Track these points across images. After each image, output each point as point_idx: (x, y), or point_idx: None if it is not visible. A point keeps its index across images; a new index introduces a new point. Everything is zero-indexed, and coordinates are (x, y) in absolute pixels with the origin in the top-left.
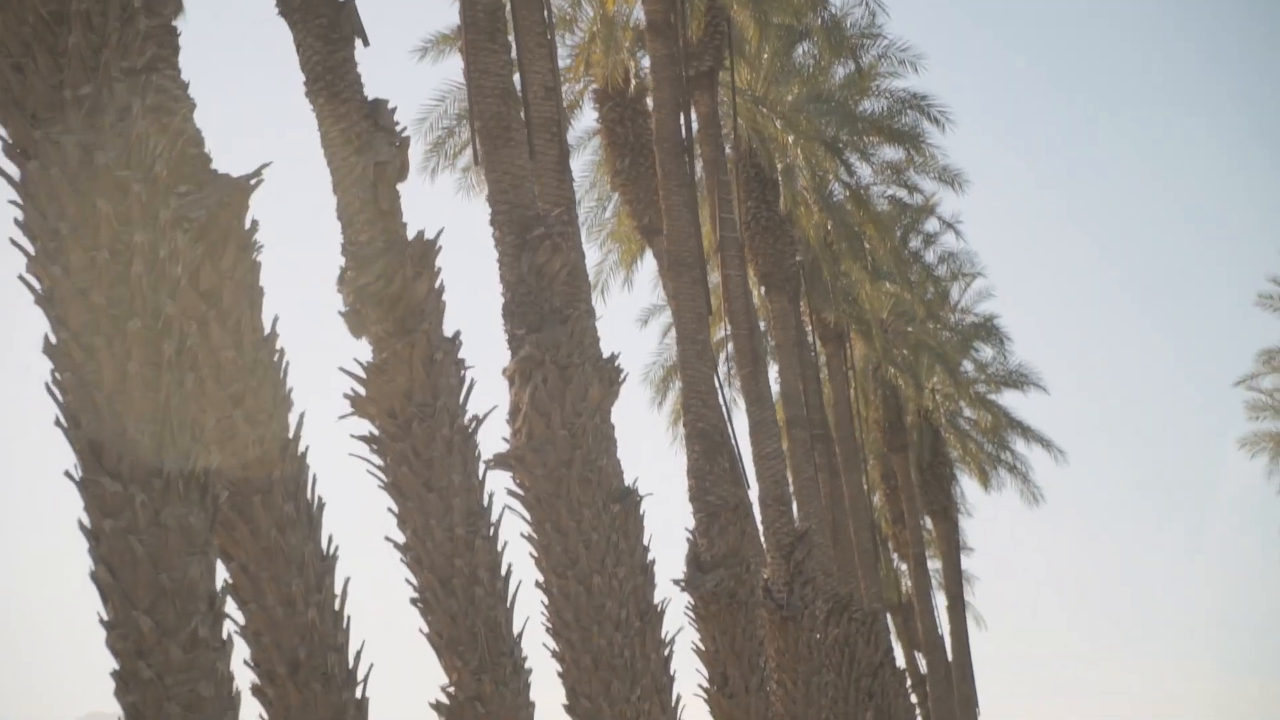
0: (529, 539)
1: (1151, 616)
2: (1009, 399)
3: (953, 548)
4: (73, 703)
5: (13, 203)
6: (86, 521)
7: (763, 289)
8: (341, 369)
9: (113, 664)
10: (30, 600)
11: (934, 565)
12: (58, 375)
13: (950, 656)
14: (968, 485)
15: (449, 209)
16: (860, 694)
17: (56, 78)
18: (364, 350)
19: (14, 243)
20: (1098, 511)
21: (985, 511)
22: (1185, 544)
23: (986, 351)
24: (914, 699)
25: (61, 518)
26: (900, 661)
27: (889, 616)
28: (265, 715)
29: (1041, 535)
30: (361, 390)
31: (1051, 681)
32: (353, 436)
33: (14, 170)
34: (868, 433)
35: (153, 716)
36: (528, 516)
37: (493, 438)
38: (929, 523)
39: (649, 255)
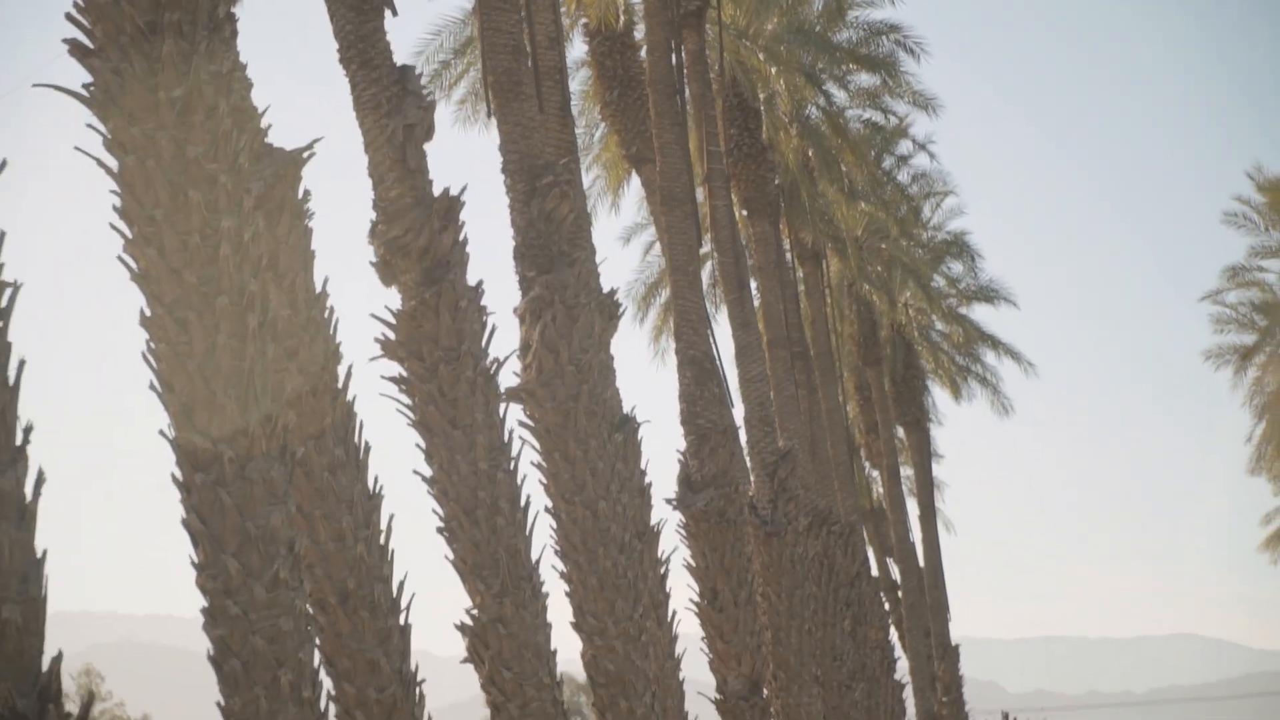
0: (539, 467)
1: (1115, 517)
2: (980, 313)
3: (925, 457)
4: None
5: (112, 192)
6: (179, 475)
7: (744, 213)
8: (373, 315)
9: (202, 601)
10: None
11: (906, 472)
12: (153, 345)
13: (922, 563)
14: (939, 396)
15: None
16: (839, 604)
17: (152, 81)
18: (393, 298)
19: (113, 226)
20: (1066, 421)
21: (956, 421)
22: (1149, 451)
23: (957, 267)
24: (886, 605)
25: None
26: (873, 569)
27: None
28: (318, 641)
29: (1012, 444)
30: (391, 335)
31: (1020, 578)
32: (383, 378)
33: (113, 162)
34: (843, 347)
35: (239, 649)
36: (537, 446)
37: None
38: (901, 432)
39: (634, 179)
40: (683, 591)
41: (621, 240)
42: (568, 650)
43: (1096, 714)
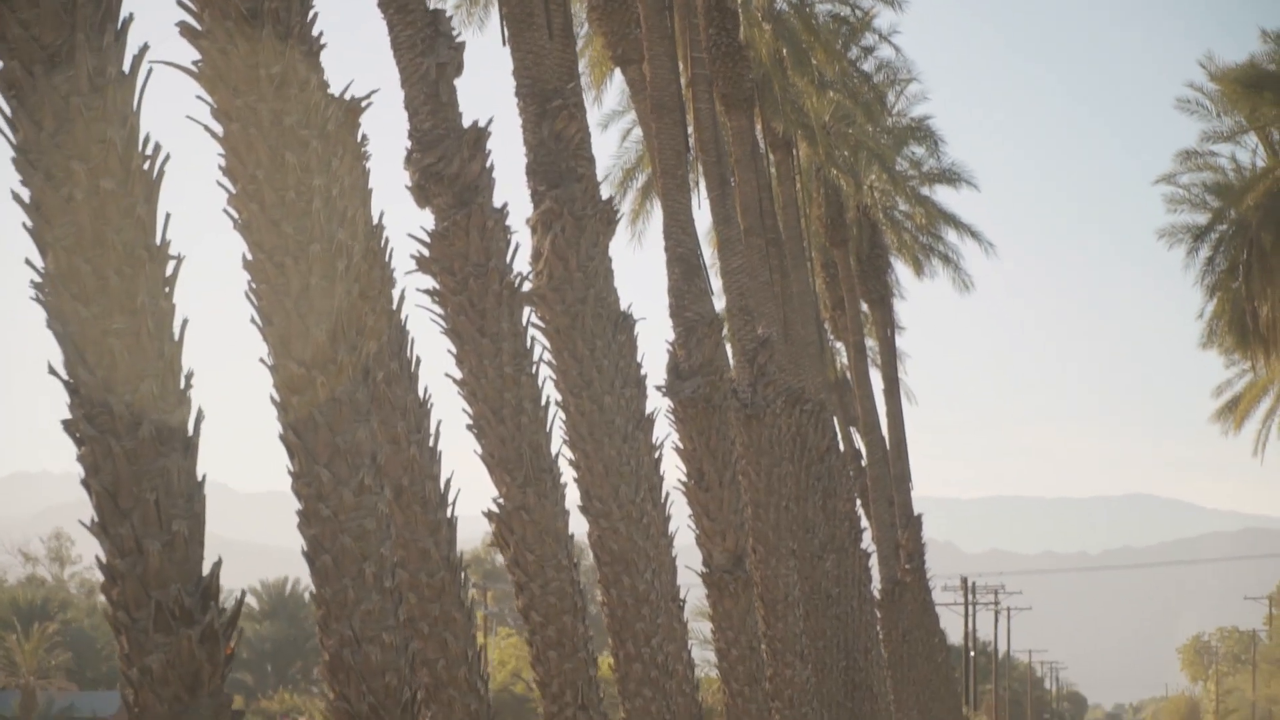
0: (549, 364)
1: (1073, 386)
2: (942, 195)
3: (889, 332)
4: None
5: (218, 154)
6: (276, 396)
7: (723, 108)
8: (410, 235)
9: (297, 504)
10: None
11: (869, 344)
12: (254, 285)
13: (886, 435)
14: (903, 273)
15: None
16: (811, 479)
17: (253, 59)
18: (427, 219)
19: (218, 183)
20: (1025, 298)
21: (920, 299)
22: (1104, 326)
23: (920, 151)
24: (851, 474)
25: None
26: (840, 443)
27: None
28: None
29: (974, 319)
30: (426, 252)
31: (977, 439)
32: (419, 290)
33: (218, 129)
34: (811, 229)
35: (329, 546)
36: (548, 346)
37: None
38: (866, 308)
39: (617, 74)
40: (672, 474)
41: (600, 126)
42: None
43: (1054, 577)
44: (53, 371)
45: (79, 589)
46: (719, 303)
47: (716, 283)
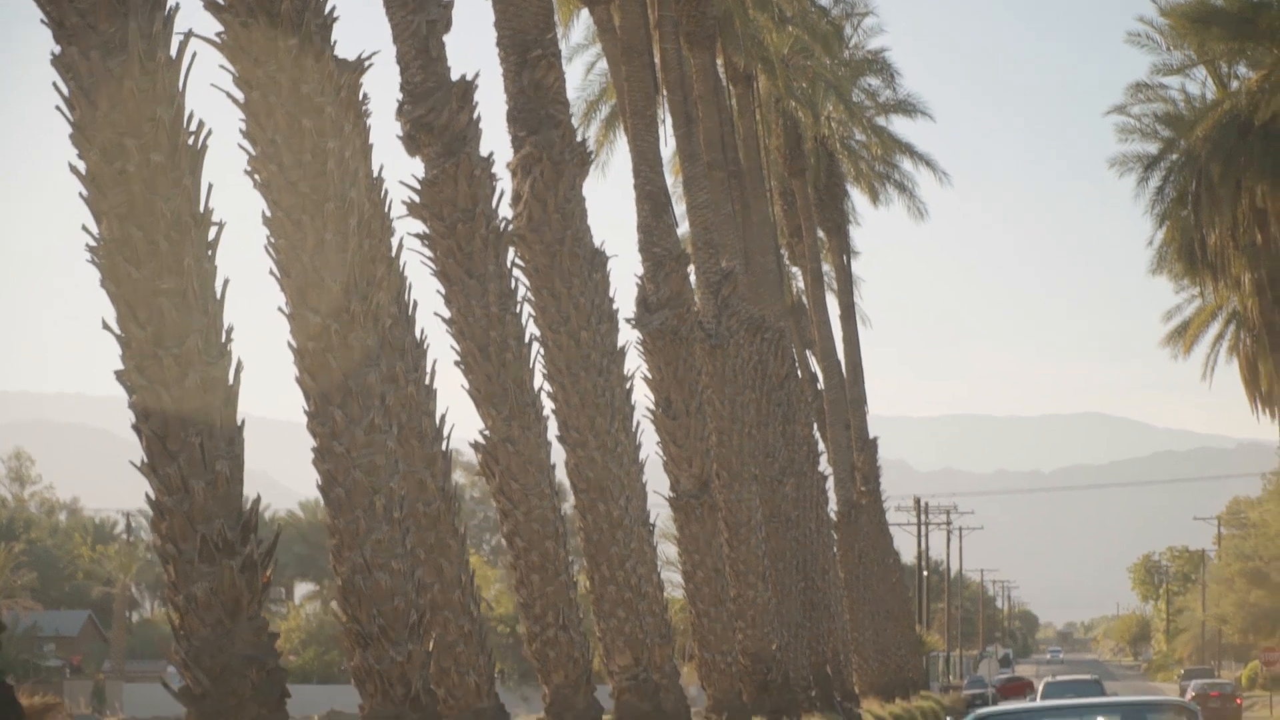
0: (529, 301)
1: (1025, 309)
2: (898, 125)
3: (845, 259)
4: None
5: (240, 120)
6: (294, 343)
7: (686, 45)
8: (401, 182)
9: (312, 442)
10: None
11: (826, 269)
12: (272, 240)
13: (843, 360)
14: (859, 201)
15: None
16: (771, 405)
17: (273, 32)
18: (417, 166)
19: (241, 146)
20: (980, 225)
21: (875, 226)
22: (1057, 253)
23: (876, 82)
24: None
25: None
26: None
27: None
28: None
29: (928, 247)
30: (416, 198)
31: (928, 357)
32: (410, 234)
33: (240, 95)
34: (770, 159)
35: (342, 480)
36: (528, 284)
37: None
38: (823, 235)
39: (583, 11)
40: (640, 403)
41: (564, 59)
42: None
43: (1006, 497)
44: (106, 327)
45: (39, 508)
46: (681, 227)
47: (679, 210)
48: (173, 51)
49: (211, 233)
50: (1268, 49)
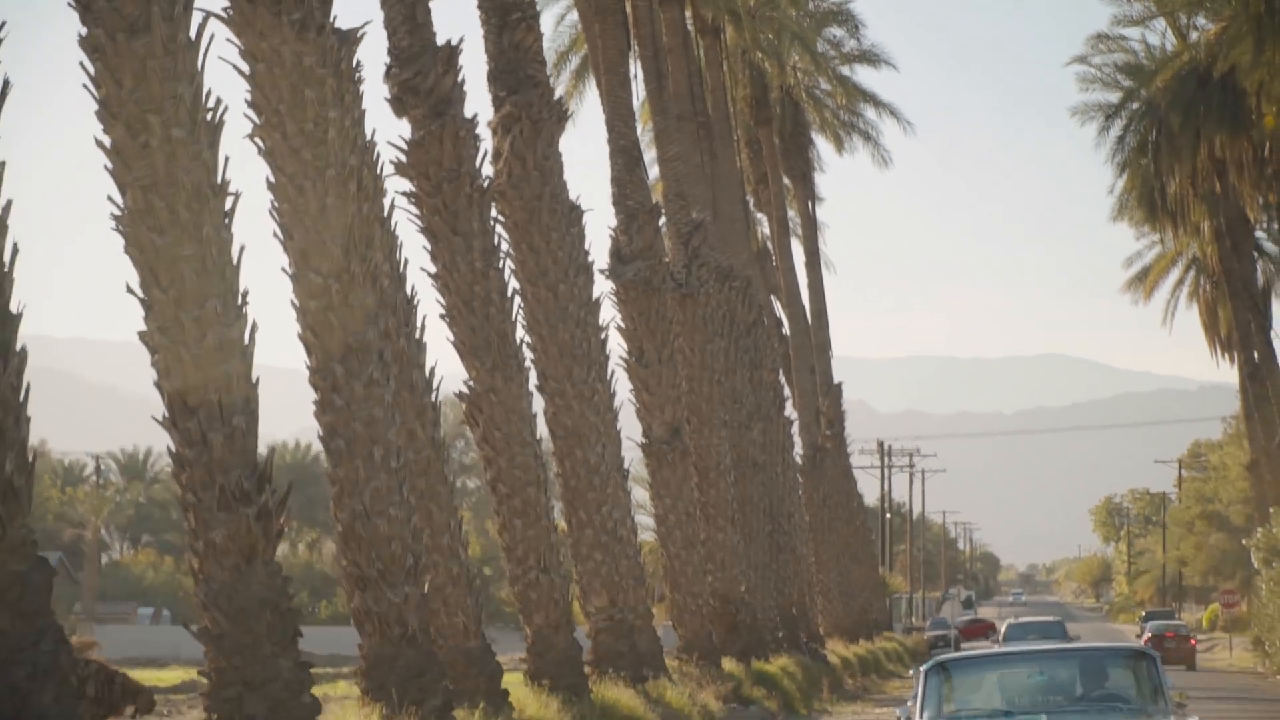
0: (509, 255)
1: (988, 253)
2: (863, 75)
3: (810, 207)
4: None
5: (246, 91)
6: (297, 301)
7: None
8: (389, 143)
9: (314, 395)
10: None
11: (791, 215)
12: (276, 204)
13: (808, 306)
14: (824, 149)
15: None
16: (739, 352)
17: (277, 7)
18: (404, 127)
19: (246, 115)
20: (943, 173)
21: (840, 175)
22: (1019, 200)
23: (841, 32)
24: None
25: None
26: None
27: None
28: None
29: (892, 194)
30: (404, 159)
31: (890, 298)
32: (398, 193)
33: (245, 68)
34: (737, 109)
35: (343, 431)
36: (508, 238)
37: None
38: (788, 182)
39: None
40: (614, 352)
41: None
42: None
43: (968, 440)
44: (130, 290)
45: None
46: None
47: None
48: (192, 33)
49: (228, 202)
50: (1226, 1)
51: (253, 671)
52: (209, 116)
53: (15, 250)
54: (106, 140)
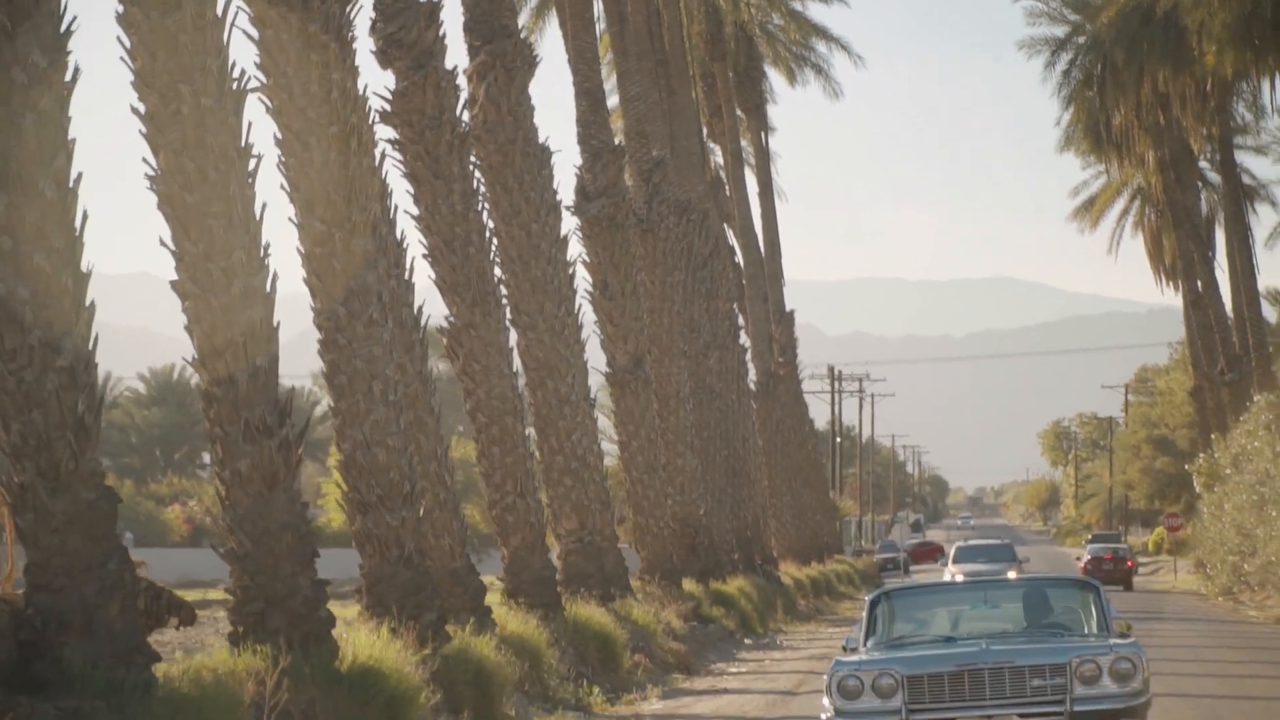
0: (484, 196)
1: (936, 178)
2: (814, 10)
3: (763, 139)
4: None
5: (256, 55)
6: (302, 248)
7: None
8: (374, 93)
9: (317, 335)
10: None
11: (745, 146)
12: (283, 159)
13: (761, 237)
14: (777, 82)
15: None
16: (696, 283)
17: None
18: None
19: (255, 75)
20: (893, 103)
21: (792, 105)
22: (968, 131)
23: None
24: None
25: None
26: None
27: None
28: None
29: (843, 126)
30: (388, 108)
31: (837, 221)
32: (384, 140)
33: (255, 34)
34: (692, 44)
35: (344, 368)
36: (483, 180)
37: None
38: (741, 113)
39: None
40: (579, 287)
41: None
42: None
43: (918, 366)
44: (163, 244)
45: None
46: (617, 130)
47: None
48: (219, 10)
49: (251, 164)
50: None
51: (275, 588)
52: (234, 86)
53: (85, 217)
54: (141, 108)
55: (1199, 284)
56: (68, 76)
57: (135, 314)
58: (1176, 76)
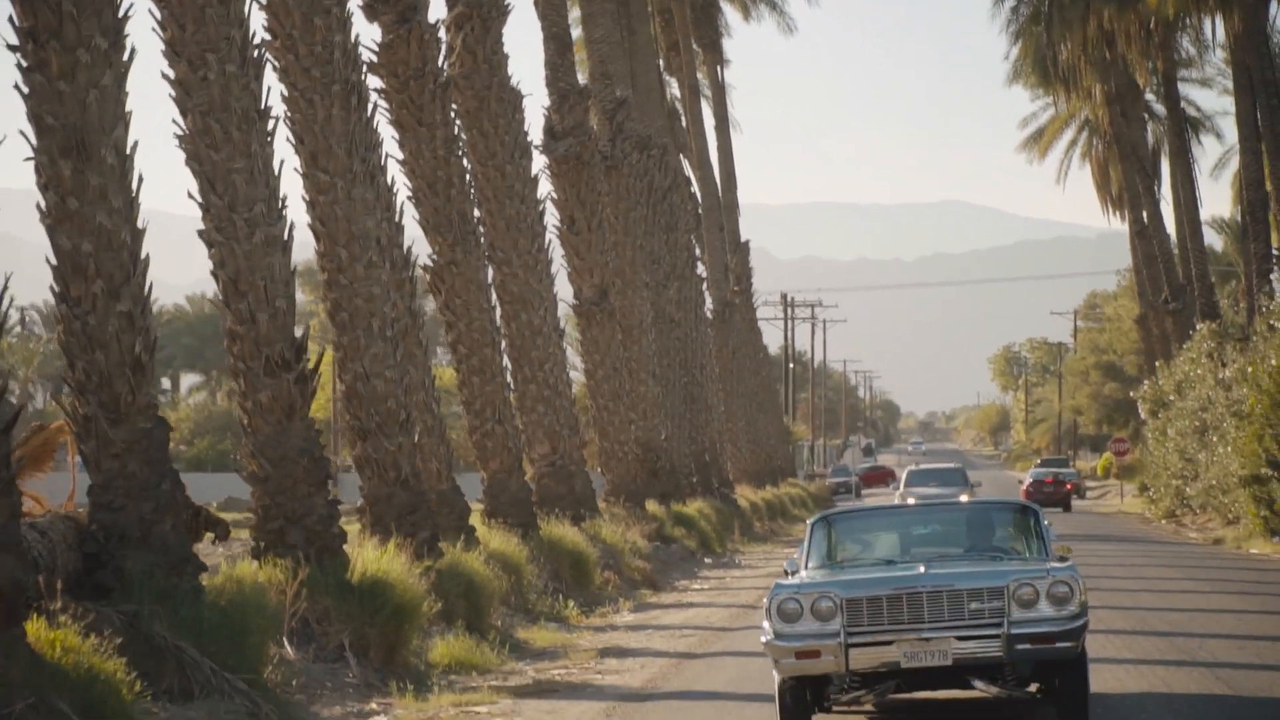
0: (460, 138)
1: (888, 107)
2: None
3: (719, 73)
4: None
5: (264, 20)
6: (306, 195)
7: None
8: (363, 45)
9: (322, 277)
10: None
11: (701, 80)
12: (289, 114)
13: (717, 170)
14: (733, 17)
15: None
16: (657, 216)
17: None
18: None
19: (262, 38)
20: (846, 38)
21: (747, 39)
22: (919, 59)
23: None
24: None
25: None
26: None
27: None
28: None
29: (799, 60)
30: (375, 59)
31: (787, 146)
32: (375, 89)
33: None
34: None
35: (346, 306)
36: (461, 125)
37: None
38: (698, 49)
39: None
40: (548, 223)
41: None
42: None
43: (870, 293)
44: (191, 196)
45: None
46: (582, 74)
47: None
48: None
49: (270, 124)
50: None
51: (292, 508)
52: (254, 54)
53: (140, 180)
54: (171, 74)
55: (1144, 215)
56: (125, 56)
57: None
58: (1121, 14)
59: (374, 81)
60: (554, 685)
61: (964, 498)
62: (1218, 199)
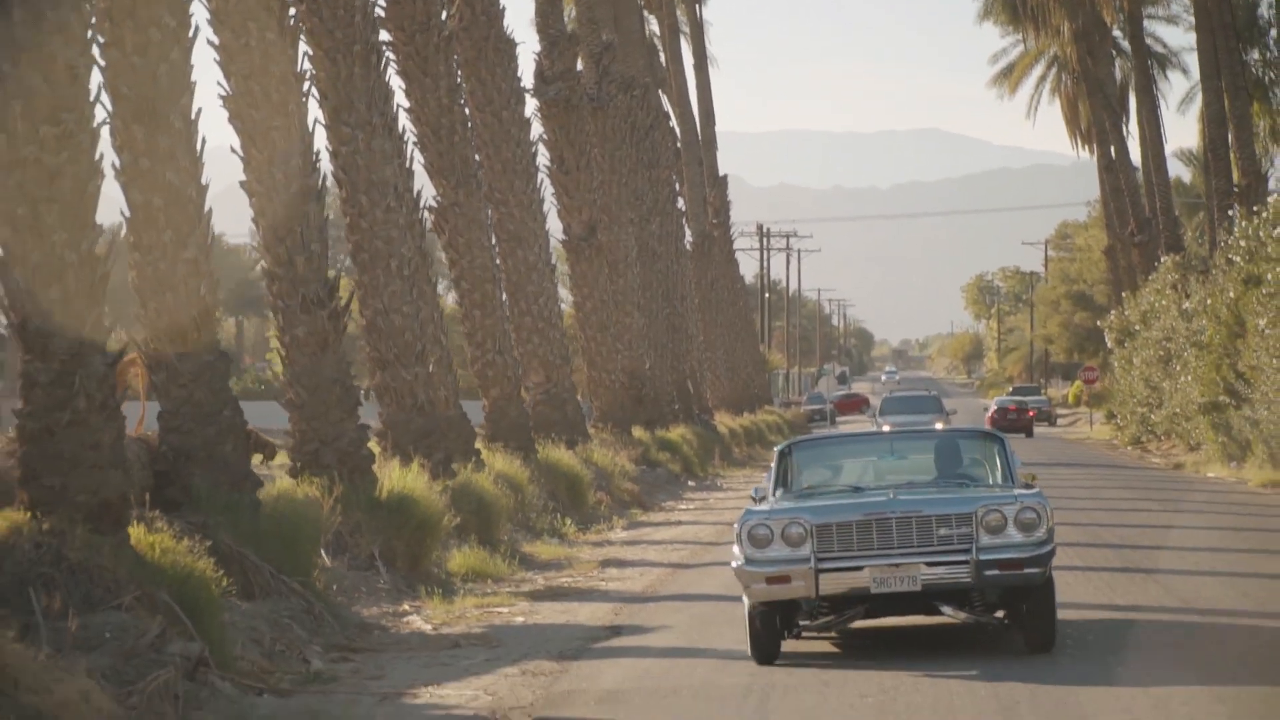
0: (463, 89)
1: (855, 35)
2: None
3: (698, 13)
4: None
5: None
6: (329, 147)
7: None
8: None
9: (345, 221)
10: None
11: (680, 17)
12: (315, 71)
13: (696, 106)
14: None
15: None
16: (640, 153)
17: None
18: None
19: (295, 8)
20: None
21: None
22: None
23: None
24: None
25: None
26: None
27: None
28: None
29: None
30: (383, 13)
31: (759, 72)
32: (382, 42)
33: None
34: None
35: (367, 247)
36: (461, 74)
37: None
38: None
39: None
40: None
41: None
42: None
43: (844, 224)
44: (234, 151)
45: None
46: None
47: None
48: None
49: (305, 86)
50: None
51: (326, 431)
52: (292, 23)
53: (204, 142)
54: (216, 40)
55: (1112, 150)
56: (190, 33)
57: None
58: None
59: (383, 35)
60: (564, 590)
61: (939, 425)
62: (1186, 132)
